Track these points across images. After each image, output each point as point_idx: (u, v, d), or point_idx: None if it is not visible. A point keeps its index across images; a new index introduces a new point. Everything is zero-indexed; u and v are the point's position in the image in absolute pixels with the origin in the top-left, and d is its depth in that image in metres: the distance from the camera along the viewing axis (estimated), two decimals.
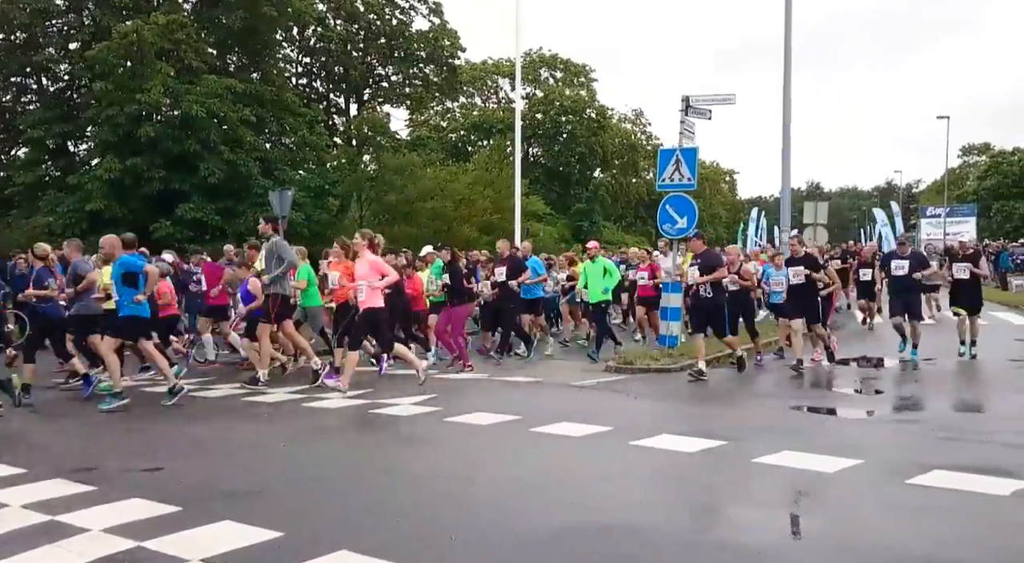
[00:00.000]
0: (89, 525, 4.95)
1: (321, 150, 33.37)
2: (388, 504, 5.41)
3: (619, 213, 60.22)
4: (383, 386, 10.47)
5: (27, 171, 28.41)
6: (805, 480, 5.83)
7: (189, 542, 4.62)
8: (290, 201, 21.44)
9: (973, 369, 11.91)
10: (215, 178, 26.76)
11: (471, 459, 6.85)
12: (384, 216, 35.17)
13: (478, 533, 4.80)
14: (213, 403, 9.60)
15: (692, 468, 6.33)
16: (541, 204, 42.84)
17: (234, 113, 27.27)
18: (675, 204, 13.47)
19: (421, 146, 42.40)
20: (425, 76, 41.07)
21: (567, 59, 58.25)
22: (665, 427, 7.49)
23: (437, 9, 39.42)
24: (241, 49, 31.81)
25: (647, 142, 61.19)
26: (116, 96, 25.92)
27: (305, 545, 4.53)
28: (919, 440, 7.27)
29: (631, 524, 4.90)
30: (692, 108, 14.27)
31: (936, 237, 47.96)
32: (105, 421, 8.57)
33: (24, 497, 5.55)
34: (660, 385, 10.52)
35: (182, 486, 5.81)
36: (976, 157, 68.63)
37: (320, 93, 40.71)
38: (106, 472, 6.26)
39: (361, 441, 7.56)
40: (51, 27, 29.79)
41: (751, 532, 4.81)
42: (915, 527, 4.88)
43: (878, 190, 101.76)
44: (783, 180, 17.26)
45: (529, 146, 52.57)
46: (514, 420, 8.08)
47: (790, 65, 16.66)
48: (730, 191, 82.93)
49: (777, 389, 10.17)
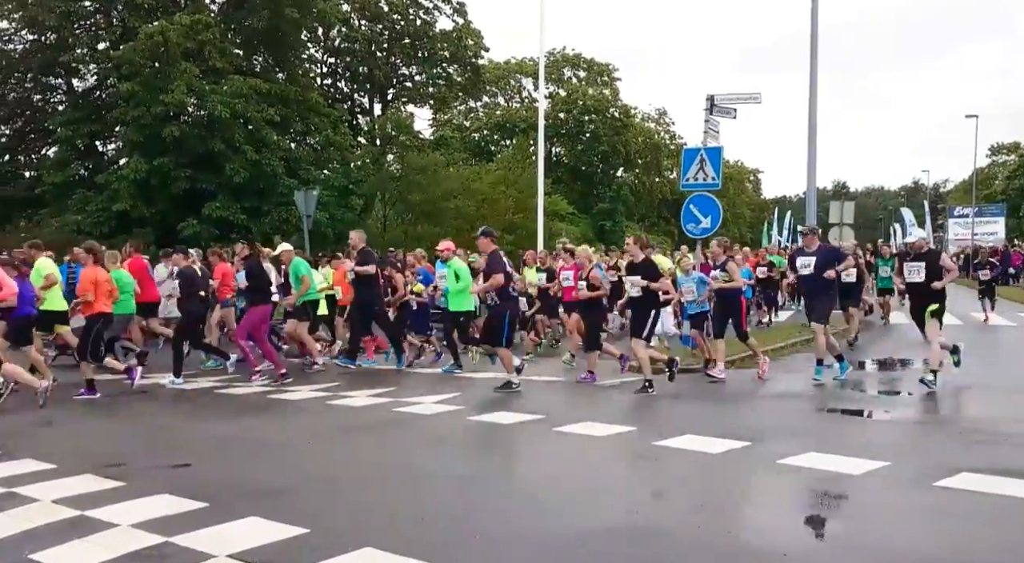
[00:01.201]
0: (118, 520, 5.02)
1: (345, 150, 33.55)
2: (412, 502, 5.44)
3: (642, 213, 59.95)
4: (407, 384, 10.52)
5: (57, 170, 28.81)
6: (830, 482, 5.79)
7: (216, 538, 4.68)
8: (315, 201, 21.60)
9: (1001, 371, 11.74)
10: (240, 177, 26.99)
11: (495, 458, 6.87)
12: (408, 215, 35.29)
13: (502, 533, 4.81)
14: (239, 401, 9.69)
15: (717, 469, 6.31)
16: (564, 203, 42.76)
17: (259, 113, 27.48)
18: (699, 203, 13.40)
19: (444, 145, 42.49)
20: (448, 76, 41.18)
21: (590, 58, 58.10)
22: (689, 427, 7.46)
23: (461, 9, 39.52)
24: (266, 49, 32.05)
25: (670, 141, 60.86)
26: (142, 96, 26.21)
27: (330, 542, 4.57)
28: (946, 442, 7.19)
29: (655, 525, 4.89)
30: (717, 107, 14.21)
31: (964, 237, 47.36)
32: (133, 418, 8.68)
33: (54, 492, 5.64)
34: (682, 385, 10.48)
35: (209, 482, 5.88)
36: (1005, 156, 67.51)
37: (344, 93, 40.96)
38: (134, 468, 6.35)
39: (385, 439, 7.60)
40: (79, 28, 30.20)
41: (776, 534, 4.79)
42: (942, 530, 4.83)
43: (905, 190, 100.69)
44: (809, 179, 17.16)
45: (552, 145, 52.46)
46: (538, 419, 8.08)
47: (816, 64, 16.56)
48: (755, 190, 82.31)
49: (802, 390, 10.09)
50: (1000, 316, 20.13)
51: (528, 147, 44.55)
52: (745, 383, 10.69)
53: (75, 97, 31.04)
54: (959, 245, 47.47)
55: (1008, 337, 16.26)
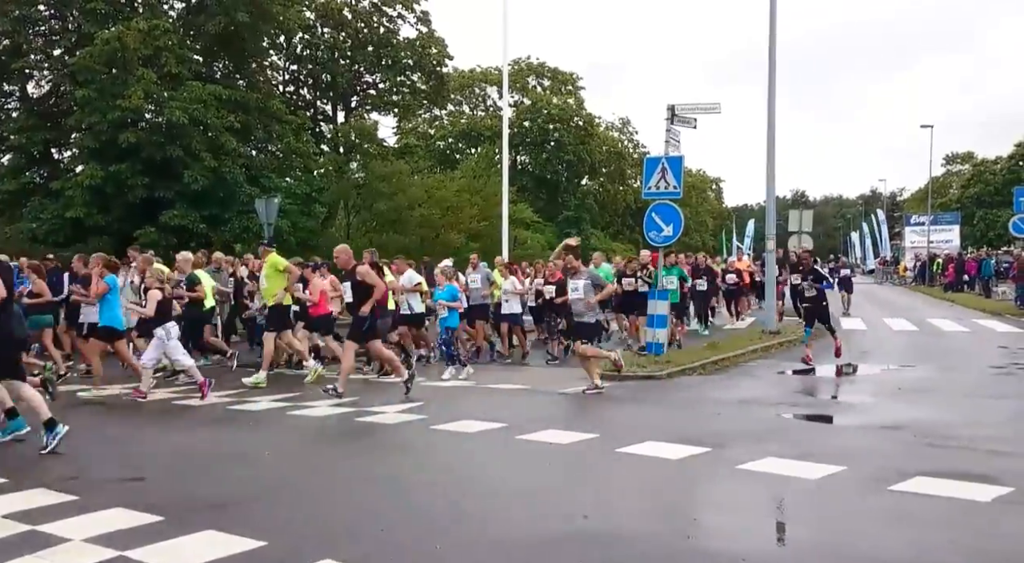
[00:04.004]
0: (71, 535, 4.90)
1: (308, 157, 33.25)
2: (373, 513, 5.39)
3: (607, 221, 60.39)
4: (369, 394, 10.44)
5: (11, 178, 28.17)
6: (788, 487, 5.86)
7: (172, 552, 4.60)
8: (276, 208, 21.39)
9: (955, 376, 12.00)
10: (199, 185, 26.59)
11: (457, 467, 6.84)
12: (372, 224, 35.13)
13: (464, 541, 4.79)
14: (196, 412, 9.54)
15: (677, 475, 6.36)
16: (529, 212, 42.87)
17: (218, 119, 27.12)
18: (661, 212, 13.54)
19: (409, 154, 42.35)
20: (412, 84, 41.06)
21: (554, 67, 58.43)
22: (650, 434, 7.51)
23: (425, 18, 39.45)
24: (226, 56, 31.69)
25: (634, 151, 61.42)
26: (98, 102, 25.75)
27: (289, 554, 4.52)
28: (901, 447, 7.31)
29: (616, 531, 4.91)
30: (678, 117, 14.39)
31: (920, 245, 48.40)
32: (87, 430, 8.49)
33: (5, 507, 5.49)
34: (646, 392, 10.55)
35: (164, 495, 5.77)
36: (959, 166, 69.28)
37: (307, 100, 40.61)
38: (88, 481, 6.21)
39: (347, 450, 7.54)
40: (33, 33, 29.60)
41: (735, 539, 4.83)
42: (898, 533, 4.91)
43: (863, 198, 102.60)
44: (768, 189, 17.42)
45: (517, 154, 52.61)
46: (501, 427, 8.07)
47: (774, 77, 16.87)
48: (717, 199, 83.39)
49: (762, 396, 10.22)
50: (955, 322, 20.59)
51: (493, 155, 44.63)
52: (706, 390, 10.79)
53: (29, 103, 30.39)
54: (915, 252, 48.56)
55: (961, 343, 16.63)
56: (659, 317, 13.37)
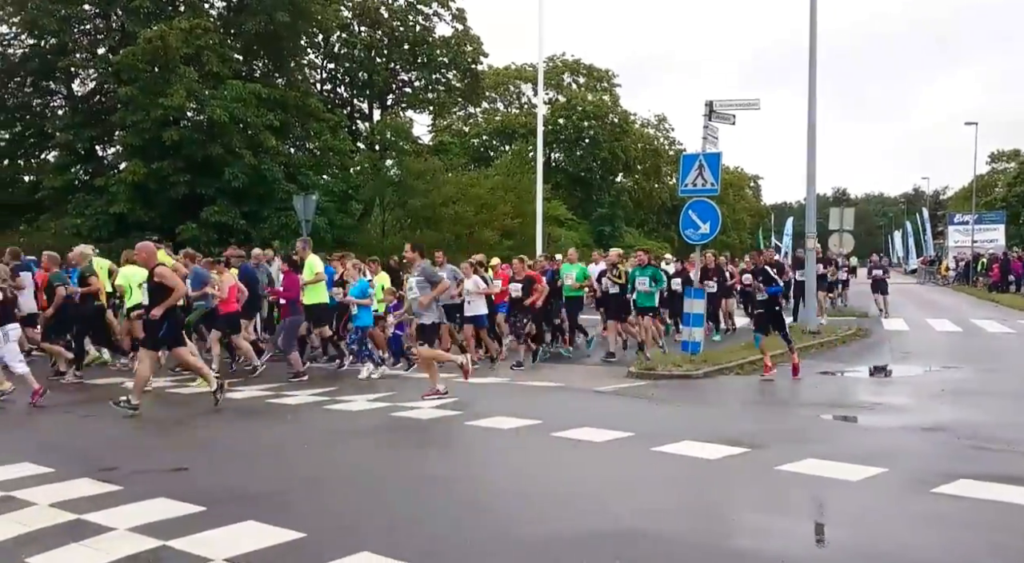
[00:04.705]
0: (115, 524, 5.00)
1: (344, 155, 33.58)
2: (409, 507, 5.42)
3: (641, 218, 60.06)
4: (404, 389, 10.51)
5: (56, 174, 28.83)
6: (828, 488, 5.78)
7: (213, 542, 4.67)
8: (314, 205, 21.59)
9: (999, 378, 11.74)
10: (239, 182, 27.02)
11: (492, 463, 6.85)
12: (406, 221, 35.33)
13: (498, 537, 4.80)
14: (237, 405, 9.67)
15: (714, 475, 6.30)
16: (563, 209, 42.82)
17: (258, 118, 27.51)
18: (698, 209, 13.41)
19: (443, 151, 42.53)
20: (448, 82, 41.26)
21: (589, 64, 58.27)
22: (687, 433, 7.45)
23: (460, 15, 39.63)
24: (266, 54, 32.12)
25: (670, 147, 61.02)
26: (141, 101, 26.25)
27: (327, 546, 4.56)
28: (944, 449, 7.17)
29: (651, 531, 4.88)
30: (716, 113, 14.24)
31: (964, 244, 47.39)
32: (131, 422, 8.67)
33: (51, 496, 5.62)
34: (682, 391, 10.48)
35: (206, 486, 5.86)
36: (1005, 164, 67.71)
37: (344, 98, 41.02)
38: (132, 472, 6.33)
39: (383, 444, 7.59)
40: (78, 32, 30.23)
41: (773, 540, 4.77)
42: (941, 536, 4.82)
43: (905, 196, 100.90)
44: (808, 186, 17.20)
45: (551, 151, 52.55)
46: (535, 424, 8.07)
47: (815, 73, 16.62)
48: (755, 196, 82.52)
49: (801, 397, 10.09)
50: (999, 323, 20.14)
51: (527, 153, 44.62)
52: (744, 390, 10.69)
53: (74, 101, 31.07)
54: (959, 252, 47.56)
55: (1006, 344, 16.27)
56: (695, 316, 13.26)
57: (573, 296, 14.28)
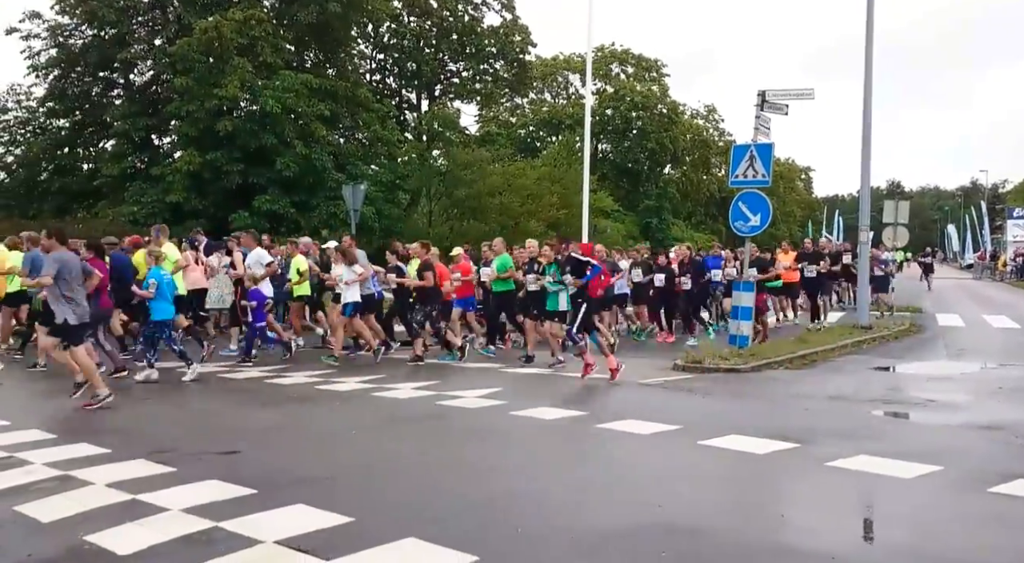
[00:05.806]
0: (169, 505, 5.14)
1: (392, 145, 33.79)
2: (454, 494, 5.46)
3: (689, 210, 59.41)
4: (451, 377, 10.58)
5: (114, 163, 29.52)
6: (881, 486, 5.67)
7: (263, 524, 4.76)
8: (363, 195, 21.78)
9: None
10: (290, 171, 27.38)
11: (536, 453, 6.86)
12: (453, 211, 35.44)
13: (541, 527, 4.81)
14: (287, 390, 9.84)
15: (762, 469, 6.22)
16: (609, 200, 42.56)
17: (309, 108, 27.82)
18: (748, 201, 13.21)
19: (490, 142, 42.55)
20: (495, 72, 41.24)
21: (638, 54, 57.69)
22: (734, 427, 7.37)
23: (509, 5, 39.55)
24: (317, 45, 32.44)
25: (719, 138, 60.18)
26: (196, 91, 26.72)
27: (375, 531, 4.62)
28: (1001, 447, 6.98)
29: (697, 525, 4.84)
30: (769, 103, 14.00)
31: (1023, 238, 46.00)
32: (185, 405, 8.88)
33: (108, 476, 5.80)
34: (729, 385, 10.36)
35: (257, 469, 5.98)
36: None
37: (392, 89, 41.28)
38: (185, 454, 6.49)
39: (429, 431, 7.65)
40: (136, 24, 30.89)
41: (821, 537, 4.70)
42: (995, 536, 4.70)
43: (962, 190, 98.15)
44: (863, 178, 16.85)
45: (598, 142, 52.23)
46: (580, 416, 8.06)
47: (871, 61, 16.25)
48: (806, 189, 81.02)
49: (852, 392, 9.90)
50: None
51: (574, 143, 44.40)
52: (794, 384, 10.53)
53: (132, 91, 31.76)
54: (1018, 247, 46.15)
55: None
56: (744, 309, 13.09)
57: (502, 290, 13.11)
